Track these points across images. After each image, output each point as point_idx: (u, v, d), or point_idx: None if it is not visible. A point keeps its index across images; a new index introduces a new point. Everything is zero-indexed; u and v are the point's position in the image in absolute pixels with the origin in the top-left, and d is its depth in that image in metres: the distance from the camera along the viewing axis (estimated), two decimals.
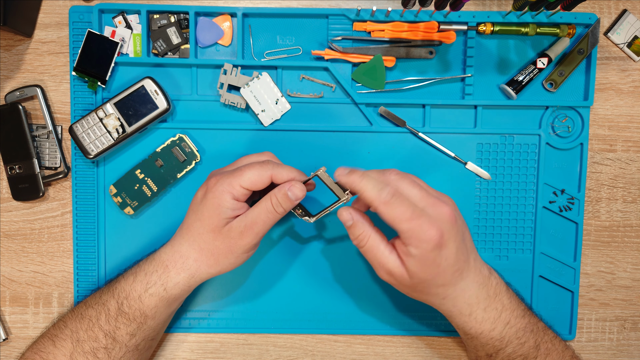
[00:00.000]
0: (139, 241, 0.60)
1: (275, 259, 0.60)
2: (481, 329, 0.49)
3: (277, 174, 0.49)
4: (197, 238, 0.50)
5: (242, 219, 0.49)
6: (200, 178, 0.59)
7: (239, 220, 0.49)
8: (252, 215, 0.49)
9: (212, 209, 0.49)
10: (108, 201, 0.59)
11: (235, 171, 0.49)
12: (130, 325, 0.50)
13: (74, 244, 0.60)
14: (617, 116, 0.61)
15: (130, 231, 0.60)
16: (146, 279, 0.51)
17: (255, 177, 0.49)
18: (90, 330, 0.50)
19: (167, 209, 0.59)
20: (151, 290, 0.50)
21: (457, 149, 0.60)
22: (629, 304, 0.62)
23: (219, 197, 0.49)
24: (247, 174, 0.49)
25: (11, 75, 0.60)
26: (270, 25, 0.59)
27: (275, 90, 0.58)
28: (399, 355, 0.62)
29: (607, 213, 0.62)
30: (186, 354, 0.61)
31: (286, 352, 0.61)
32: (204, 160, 0.59)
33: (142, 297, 0.50)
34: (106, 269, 0.60)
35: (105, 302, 0.51)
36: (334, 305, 0.60)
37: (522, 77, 0.58)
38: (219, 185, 0.49)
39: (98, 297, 0.52)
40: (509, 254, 0.60)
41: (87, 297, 0.53)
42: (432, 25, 0.57)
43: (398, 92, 0.59)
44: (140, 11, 0.58)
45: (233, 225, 0.49)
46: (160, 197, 0.59)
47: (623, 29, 0.60)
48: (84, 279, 0.60)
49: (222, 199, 0.49)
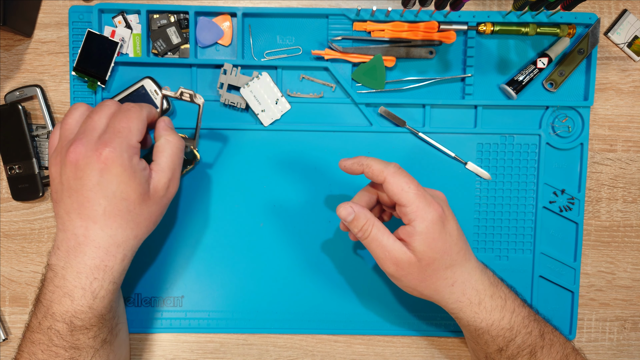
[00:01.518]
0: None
1: (275, 259, 0.60)
2: (492, 319, 0.49)
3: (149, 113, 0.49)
4: (128, 215, 0.46)
5: (161, 174, 0.48)
6: (200, 177, 0.59)
7: (157, 177, 0.48)
8: (167, 165, 0.48)
9: (130, 180, 0.45)
10: None
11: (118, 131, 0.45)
12: (90, 331, 0.47)
13: None
14: (617, 116, 0.61)
15: None
16: (90, 289, 0.46)
17: (142, 125, 0.47)
18: (48, 350, 0.46)
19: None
20: (100, 294, 0.46)
21: (457, 149, 0.60)
22: (629, 304, 0.62)
23: (128, 165, 0.45)
24: (133, 126, 0.46)
25: (11, 75, 0.60)
26: (270, 25, 0.59)
27: (275, 90, 0.58)
28: (399, 355, 0.62)
29: (607, 213, 0.61)
30: (186, 354, 0.61)
31: (286, 352, 0.61)
32: (204, 160, 0.59)
33: (92, 305, 0.46)
34: None
35: (51, 327, 0.46)
36: (334, 306, 0.60)
37: (522, 77, 0.58)
38: (119, 153, 0.44)
39: (37, 324, 0.47)
40: (509, 254, 0.60)
41: (29, 321, 0.49)
42: (432, 25, 0.57)
43: (398, 92, 0.59)
44: (140, 11, 0.58)
45: (156, 185, 0.47)
46: None
47: (623, 29, 0.60)
48: None
49: (132, 165, 0.45)
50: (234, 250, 0.60)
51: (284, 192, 0.60)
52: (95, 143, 0.45)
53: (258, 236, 0.60)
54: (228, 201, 0.60)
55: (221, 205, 0.60)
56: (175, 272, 0.60)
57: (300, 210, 0.60)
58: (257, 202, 0.60)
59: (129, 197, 0.45)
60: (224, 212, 0.60)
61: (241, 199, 0.60)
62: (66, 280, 0.46)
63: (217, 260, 0.60)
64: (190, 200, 0.59)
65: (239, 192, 0.60)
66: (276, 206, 0.60)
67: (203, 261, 0.60)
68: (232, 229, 0.60)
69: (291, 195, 0.60)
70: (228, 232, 0.60)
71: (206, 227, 0.60)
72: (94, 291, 0.46)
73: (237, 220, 0.60)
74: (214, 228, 0.60)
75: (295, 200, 0.60)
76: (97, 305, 0.46)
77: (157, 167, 0.48)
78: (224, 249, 0.60)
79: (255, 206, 0.60)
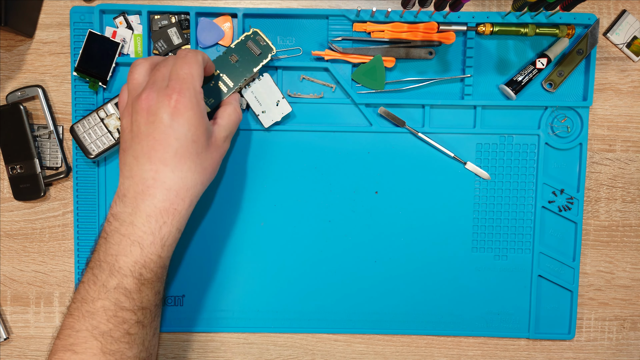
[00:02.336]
0: None
1: (275, 259, 0.60)
2: None
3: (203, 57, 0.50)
4: (197, 159, 0.47)
5: (222, 128, 0.51)
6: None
7: (218, 129, 0.50)
8: (229, 124, 0.51)
9: (199, 124, 0.46)
10: (109, 201, 0.59)
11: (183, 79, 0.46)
12: (155, 285, 0.47)
13: (75, 244, 0.60)
14: (616, 116, 0.61)
15: None
16: (160, 235, 0.46)
17: (201, 70, 0.48)
18: (114, 317, 0.45)
19: None
20: (168, 241, 0.46)
21: (456, 149, 0.60)
22: (629, 303, 0.62)
23: (197, 109, 0.46)
24: (195, 72, 0.47)
25: (12, 76, 0.60)
26: (271, 26, 0.59)
27: (277, 91, 0.58)
28: (399, 355, 0.62)
29: (606, 213, 0.62)
30: (187, 353, 0.61)
31: (286, 351, 0.62)
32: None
33: (161, 254, 0.46)
34: None
35: (120, 285, 0.45)
36: (334, 305, 0.61)
37: (521, 77, 0.58)
38: (188, 98, 0.46)
39: (97, 290, 0.45)
40: (508, 254, 0.61)
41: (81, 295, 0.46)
42: (431, 25, 0.57)
43: (398, 92, 0.60)
44: (141, 12, 0.58)
45: (217, 135, 0.50)
46: None
47: (622, 30, 0.60)
48: None
49: (200, 109, 0.47)
50: (234, 250, 0.60)
51: (284, 192, 0.60)
52: (165, 89, 0.46)
53: (259, 236, 0.60)
54: (229, 201, 0.60)
55: (222, 205, 0.60)
56: (176, 271, 0.60)
57: (301, 210, 0.60)
58: (257, 201, 0.60)
59: (198, 139, 0.47)
60: (225, 211, 0.60)
61: (242, 198, 0.60)
62: (135, 227, 0.45)
63: (217, 260, 0.60)
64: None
65: (239, 192, 0.60)
66: (277, 206, 0.60)
67: (204, 260, 0.60)
68: (232, 229, 0.60)
69: (291, 195, 0.60)
70: (229, 231, 0.60)
71: (207, 226, 0.60)
72: (162, 237, 0.46)
73: (238, 219, 0.60)
74: (214, 227, 0.60)
75: (296, 200, 0.60)
76: (165, 254, 0.47)
77: (218, 121, 0.51)
78: (224, 249, 0.60)
79: (256, 206, 0.60)
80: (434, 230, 0.60)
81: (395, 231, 0.60)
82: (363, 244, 0.60)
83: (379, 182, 0.60)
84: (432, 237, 0.60)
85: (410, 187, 0.60)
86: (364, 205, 0.60)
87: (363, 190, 0.60)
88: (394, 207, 0.60)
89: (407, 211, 0.60)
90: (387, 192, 0.60)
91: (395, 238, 0.60)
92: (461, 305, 0.61)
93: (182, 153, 0.46)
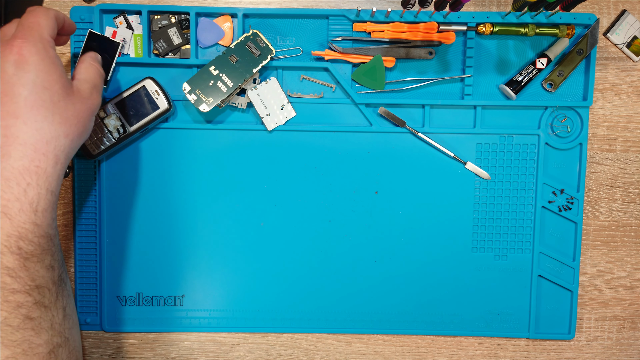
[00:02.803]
0: (140, 240, 0.60)
1: (275, 259, 0.60)
2: None
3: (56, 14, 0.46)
4: (53, 107, 0.42)
5: (83, 81, 0.47)
6: (201, 177, 0.59)
7: (79, 82, 0.47)
8: (90, 77, 0.48)
9: (49, 69, 0.42)
10: (109, 200, 0.59)
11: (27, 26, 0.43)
12: (44, 258, 0.42)
13: (75, 244, 0.60)
14: (616, 116, 0.61)
15: (131, 231, 0.60)
16: (27, 200, 0.41)
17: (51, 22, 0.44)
18: (4, 303, 0.40)
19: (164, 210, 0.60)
20: (40, 205, 0.41)
21: (456, 149, 0.60)
22: (629, 303, 0.62)
23: (45, 54, 0.42)
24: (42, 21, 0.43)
25: None
26: (271, 26, 0.59)
27: (282, 96, 0.58)
28: (399, 355, 0.62)
29: (607, 213, 0.62)
30: (187, 353, 0.61)
31: (286, 351, 0.62)
32: (204, 161, 0.60)
33: (35, 221, 0.41)
34: (107, 269, 0.60)
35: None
36: (334, 305, 0.61)
37: (521, 77, 0.58)
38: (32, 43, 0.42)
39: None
40: (508, 254, 0.61)
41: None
42: (431, 25, 0.57)
43: (398, 92, 0.60)
44: (141, 12, 0.58)
45: (79, 87, 0.46)
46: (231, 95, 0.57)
47: (622, 30, 0.60)
48: (86, 278, 0.60)
49: (49, 55, 0.43)
50: (234, 250, 0.60)
51: (284, 192, 0.60)
52: (7, 41, 0.42)
53: (259, 235, 0.60)
54: (229, 201, 0.60)
55: (222, 205, 0.60)
56: (176, 271, 0.60)
57: (301, 210, 0.60)
58: (257, 201, 0.60)
59: (51, 86, 0.42)
60: (225, 211, 0.60)
61: (242, 198, 0.60)
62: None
63: (217, 260, 0.60)
64: (191, 199, 0.60)
65: (239, 192, 0.60)
66: (277, 206, 0.60)
67: (204, 260, 0.60)
68: (232, 229, 0.60)
69: (291, 195, 0.60)
70: (229, 231, 0.60)
71: (207, 226, 0.60)
72: (31, 202, 0.41)
73: (238, 219, 0.60)
74: (214, 227, 0.60)
75: (296, 200, 0.60)
76: (41, 221, 0.42)
77: (76, 76, 0.48)
78: (224, 248, 0.60)
79: (256, 206, 0.60)
80: (434, 230, 0.60)
81: (395, 231, 0.60)
82: (363, 244, 0.60)
83: (379, 182, 0.60)
84: (432, 237, 0.60)
85: (410, 187, 0.60)
86: (364, 205, 0.60)
87: (363, 190, 0.60)
88: (394, 207, 0.60)
89: (407, 211, 0.60)
90: (387, 192, 0.60)
91: (395, 238, 0.60)
92: (461, 305, 0.61)
93: (34, 101, 0.41)
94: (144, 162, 0.59)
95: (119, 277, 0.60)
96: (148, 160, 0.59)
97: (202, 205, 0.60)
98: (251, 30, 0.56)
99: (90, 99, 0.47)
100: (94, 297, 0.60)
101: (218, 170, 0.60)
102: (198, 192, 0.60)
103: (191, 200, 0.60)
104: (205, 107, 0.56)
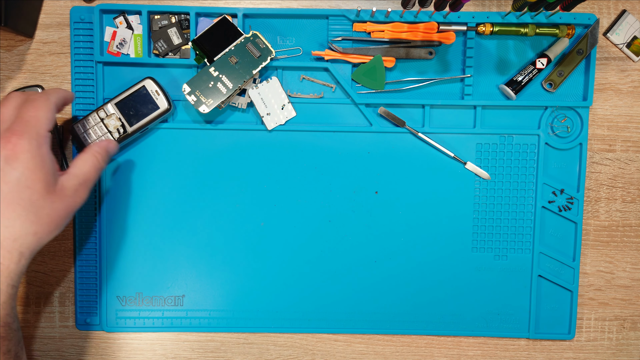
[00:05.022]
0: (139, 240, 0.60)
1: (275, 259, 0.60)
2: None
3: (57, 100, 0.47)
4: (30, 207, 0.43)
5: (72, 177, 0.47)
6: (201, 177, 0.59)
7: (68, 178, 0.46)
8: (82, 172, 0.48)
9: (37, 169, 0.43)
10: (109, 200, 0.59)
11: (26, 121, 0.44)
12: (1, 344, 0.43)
13: (74, 243, 0.60)
14: (616, 116, 0.61)
15: (131, 231, 0.60)
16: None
17: (50, 114, 0.45)
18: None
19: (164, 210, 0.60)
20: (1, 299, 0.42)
21: (456, 149, 0.60)
22: (629, 303, 0.62)
23: (37, 153, 0.43)
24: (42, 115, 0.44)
25: (12, 76, 0.60)
26: (271, 26, 0.59)
27: (283, 95, 0.58)
28: (399, 355, 0.62)
29: (606, 213, 0.62)
30: (187, 353, 0.61)
31: (286, 351, 0.62)
32: (204, 161, 0.60)
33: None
34: (107, 269, 0.60)
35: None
36: (334, 305, 0.61)
37: (521, 77, 0.58)
38: (27, 141, 0.43)
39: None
40: (508, 254, 0.61)
41: None
42: (431, 25, 0.57)
43: (398, 92, 0.60)
44: (141, 12, 0.58)
45: (65, 184, 0.46)
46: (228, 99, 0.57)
47: (622, 30, 0.60)
48: (86, 278, 0.60)
49: (41, 153, 0.43)
50: (234, 250, 0.60)
51: (284, 192, 0.60)
52: (3, 133, 0.43)
53: (259, 236, 0.60)
54: (229, 201, 0.60)
55: (222, 205, 0.60)
56: (176, 271, 0.60)
57: (301, 210, 0.60)
58: (257, 201, 0.60)
59: (33, 185, 0.43)
60: (225, 211, 0.60)
61: (242, 198, 0.60)
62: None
63: (217, 260, 0.60)
64: (191, 199, 0.60)
65: (239, 192, 0.60)
66: (277, 206, 0.60)
67: (204, 260, 0.60)
68: (233, 229, 0.60)
69: (291, 195, 0.60)
70: (229, 231, 0.60)
71: (207, 226, 0.60)
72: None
73: (238, 219, 0.60)
74: (214, 227, 0.60)
75: (296, 200, 0.60)
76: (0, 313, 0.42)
77: (69, 169, 0.48)
78: (224, 249, 0.60)
79: (256, 206, 0.60)
80: (434, 230, 0.60)
81: (395, 231, 0.60)
82: (363, 244, 0.60)
83: (379, 182, 0.60)
84: (432, 237, 0.60)
85: (410, 187, 0.60)
86: (364, 205, 0.60)
87: (363, 190, 0.60)
88: (394, 207, 0.60)
89: (407, 211, 0.60)
90: (387, 192, 0.60)
91: (395, 238, 0.60)
92: (461, 305, 0.61)
93: (11, 199, 0.42)
94: (144, 162, 0.59)
95: (119, 277, 0.60)
96: (148, 161, 0.59)
97: (202, 205, 0.60)
98: (251, 32, 0.56)
99: (72, 197, 0.46)
100: (94, 297, 0.60)
101: (218, 170, 0.60)
102: (198, 192, 0.60)
103: (191, 200, 0.60)
104: (205, 108, 0.56)
